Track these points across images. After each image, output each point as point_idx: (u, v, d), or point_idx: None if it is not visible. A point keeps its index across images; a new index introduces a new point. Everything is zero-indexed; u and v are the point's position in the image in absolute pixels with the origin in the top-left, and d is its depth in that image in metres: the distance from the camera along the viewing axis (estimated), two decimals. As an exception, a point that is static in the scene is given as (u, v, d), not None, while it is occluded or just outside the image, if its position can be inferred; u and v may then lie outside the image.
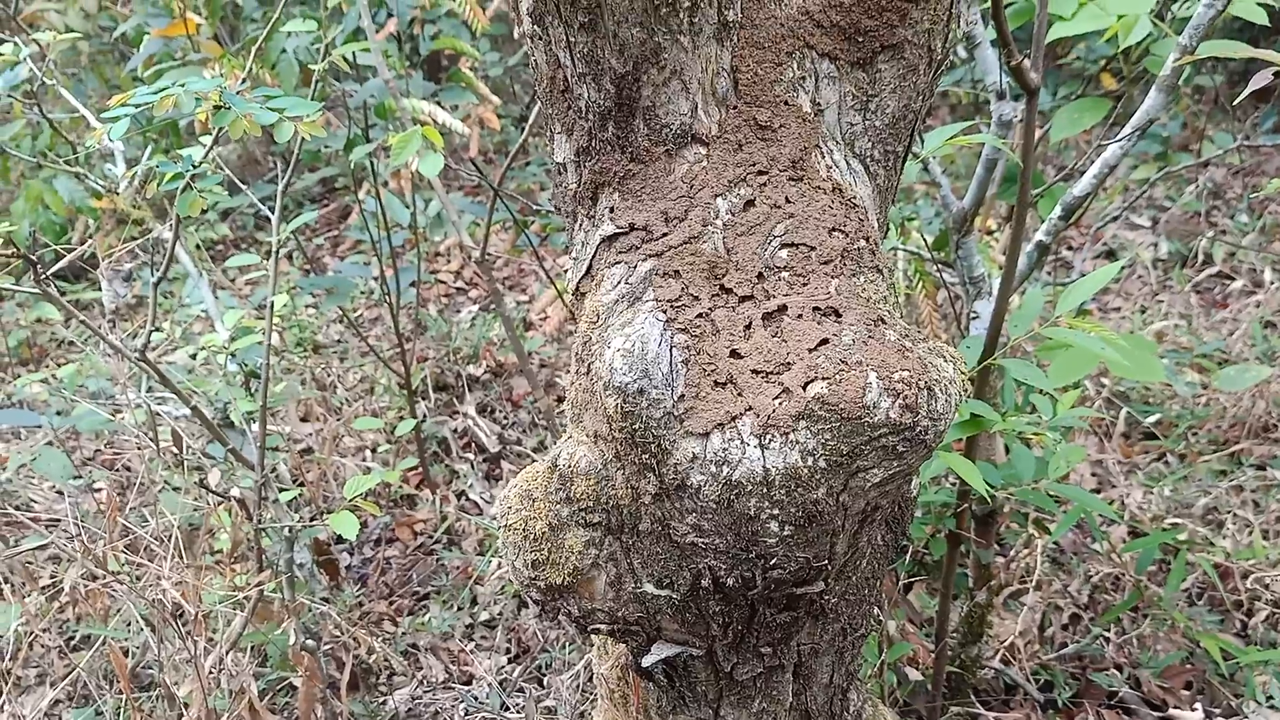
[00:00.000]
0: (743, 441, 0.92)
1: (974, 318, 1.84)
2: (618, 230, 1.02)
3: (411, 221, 3.05)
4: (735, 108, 1.03)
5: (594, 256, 1.04)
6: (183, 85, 1.18)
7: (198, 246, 3.44)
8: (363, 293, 4.06)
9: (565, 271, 3.58)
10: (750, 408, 0.92)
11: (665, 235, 1.01)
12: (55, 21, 3.50)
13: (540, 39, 0.98)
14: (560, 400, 3.50)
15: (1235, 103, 1.40)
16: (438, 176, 2.01)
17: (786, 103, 1.05)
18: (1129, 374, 1.65)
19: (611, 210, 1.03)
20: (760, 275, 1.00)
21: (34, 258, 1.41)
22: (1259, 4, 2.06)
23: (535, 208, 2.60)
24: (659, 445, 0.94)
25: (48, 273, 1.48)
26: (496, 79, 4.68)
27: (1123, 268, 4.33)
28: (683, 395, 0.93)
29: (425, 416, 3.27)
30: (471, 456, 3.19)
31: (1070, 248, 4.60)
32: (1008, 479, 1.91)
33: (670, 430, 0.93)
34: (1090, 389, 3.31)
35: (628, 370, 0.93)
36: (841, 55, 1.07)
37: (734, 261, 1.01)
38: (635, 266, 1.01)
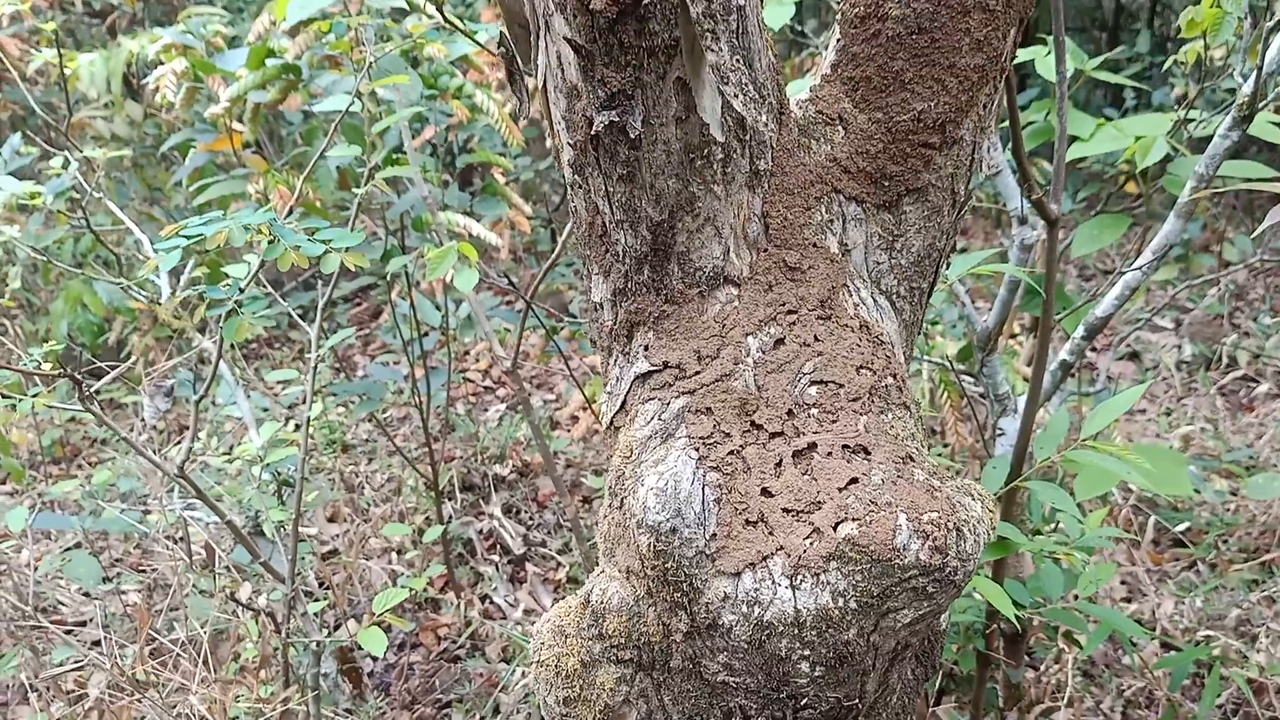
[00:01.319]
0: (774, 582, 0.93)
1: (1000, 434, 1.85)
2: (652, 368, 1.05)
3: (442, 323, 3.10)
4: (766, 250, 1.07)
5: (628, 392, 1.07)
6: (234, 218, 1.24)
7: (231, 346, 3.50)
8: (393, 392, 4.11)
9: (593, 376, 3.63)
10: (781, 547, 0.94)
11: (698, 373, 1.03)
12: (101, 129, 3.64)
13: (580, 188, 1.02)
14: (586, 501, 3.50)
15: (1254, 235, 1.42)
16: (469, 287, 2.06)
17: (815, 245, 1.08)
18: (1157, 488, 1.65)
19: (646, 348, 1.06)
20: (790, 412, 1.03)
21: (78, 376, 1.45)
22: (1275, 124, 2.11)
23: (566, 316, 2.65)
24: (691, 584, 0.95)
25: (90, 390, 1.52)
26: (527, 181, 4.79)
27: (1146, 373, 4.33)
28: (715, 534, 0.95)
29: (451, 518, 3.28)
30: (496, 558, 3.18)
31: (1094, 349, 4.61)
32: (1035, 593, 1.90)
33: (702, 569, 0.95)
34: (1118, 495, 3.29)
35: (661, 509, 0.95)
36: (868, 199, 1.11)
37: (765, 398, 1.03)
38: (668, 403, 1.03)
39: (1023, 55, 2.22)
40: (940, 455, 3.21)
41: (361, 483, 3.46)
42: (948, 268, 1.66)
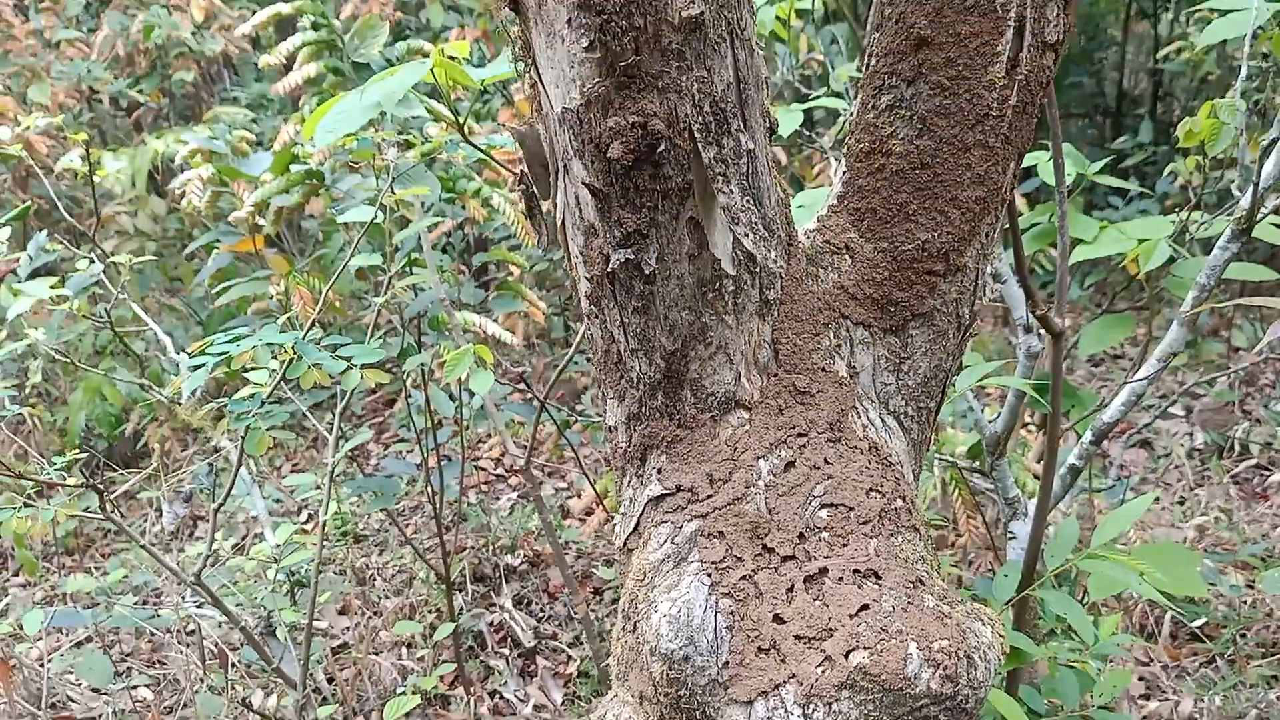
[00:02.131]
0: (787, 710, 0.94)
1: (1011, 538, 1.85)
2: (665, 491, 1.07)
3: (456, 413, 3.13)
4: (776, 375, 1.10)
5: (641, 515, 1.09)
6: (259, 336, 1.28)
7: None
8: (406, 482, 4.13)
9: (605, 470, 3.64)
10: (794, 675, 0.95)
11: (710, 497, 1.06)
12: (125, 224, 3.73)
13: (597, 318, 1.06)
14: (597, 593, 3.49)
15: (1256, 350, 1.45)
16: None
17: (824, 369, 1.11)
18: (1170, 590, 1.65)
19: (659, 471, 1.09)
20: (802, 535, 1.05)
21: (99, 487, 1.48)
22: (1276, 225, 2.15)
23: (578, 406, 2.68)
24: (704, 712, 0.96)
25: (109, 497, 1.54)
26: (541, 270, 4.87)
27: (1158, 460, 4.32)
28: (727, 662, 0.96)
29: (463, 610, 3.26)
30: (507, 651, 3.16)
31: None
32: (1050, 695, 1.88)
33: (715, 697, 0.96)
34: (1133, 587, 3.26)
35: (674, 637, 0.97)
36: (875, 323, 1.14)
37: (776, 521, 1.05)
38: (681, 527, 1.05)
39: (1025, 160, 2.28)
40: (951, 549, 3.20)
41: (373, 575, 3.46)
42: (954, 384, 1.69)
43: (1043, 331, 1.85)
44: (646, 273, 0.99)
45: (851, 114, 2.69)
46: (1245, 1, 2.16)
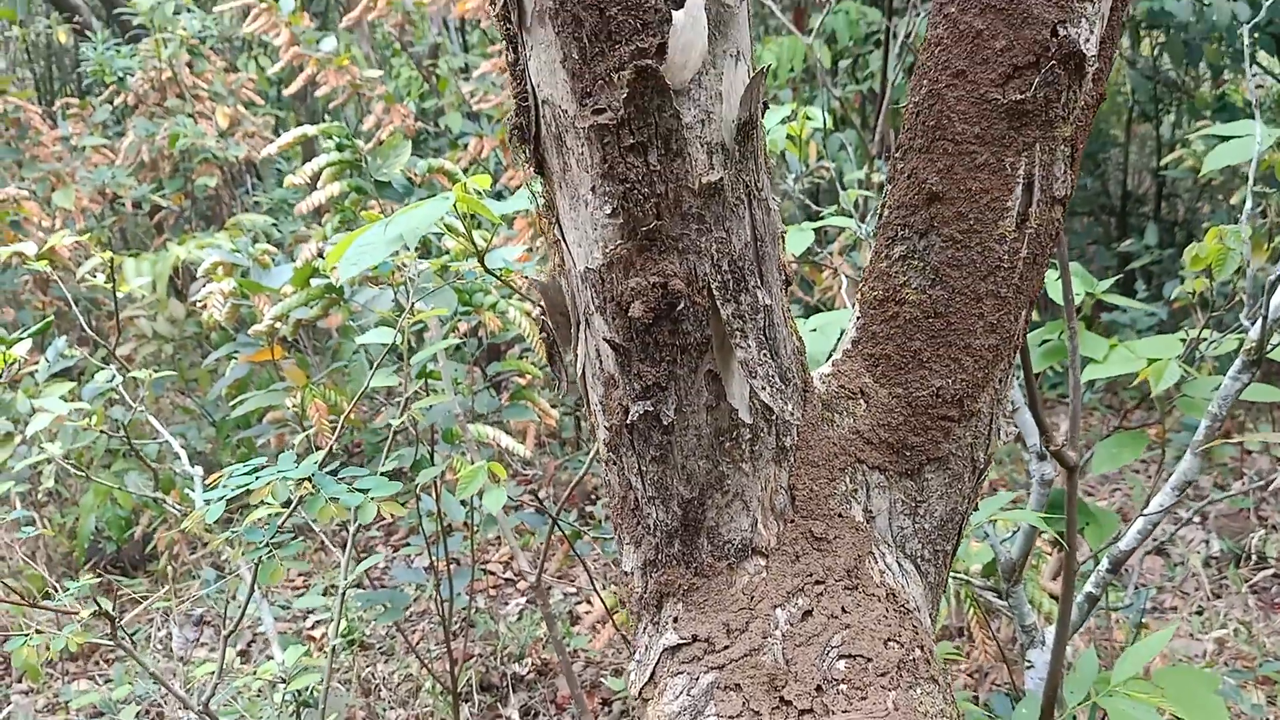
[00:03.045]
0: None
1: (1028, 666, 1.83)
2: (681, 641, 1.07)
3: (466, 518, 3.12)
4: (793, 521, 1.10)
5: (657, 664, 1.08)
6: (277, 467, 1.29)
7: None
8: (415, 587, 4.09)
9: (615, 585, 3.61)
10: (814, 839, 0.93)
11: (727, 648, 1.05)
12: (144, 327, 3.78)
13: (615, 464, 1.07)
14: (605, 703, 3.43)
15: (1270, 489, 1.45)
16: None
17: (840, 514, 1.12)
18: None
19: (675, 620, 1.08)
20: (819, 688, 1.03)
21: (112, 614, 1.48)
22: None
23: (588, 510, 2.67)
24: None
25: (119, 627, 1.54)
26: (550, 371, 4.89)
27: (1175, 568, 4.27)
28: (747, 824, 0.94)
29: (468, 722, 3.21)
30: (513, 767, 3.10)
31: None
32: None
33: None
34: (1154, 705, 3.19)
35: (692, 796, 0.95)
36: (890, 467, 1.15)
37: (793, 673, 1.04)
38: (697, 678, 1.04)
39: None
40: (966, 659, 3.14)
41: (378, 685, 3.41)
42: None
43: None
44: (665, 424, 1.00)
45: (858, 234, 2.72)
46: (1248, 128, 2.22)
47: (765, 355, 1.00)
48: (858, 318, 1.17)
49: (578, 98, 0.89)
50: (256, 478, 1.30)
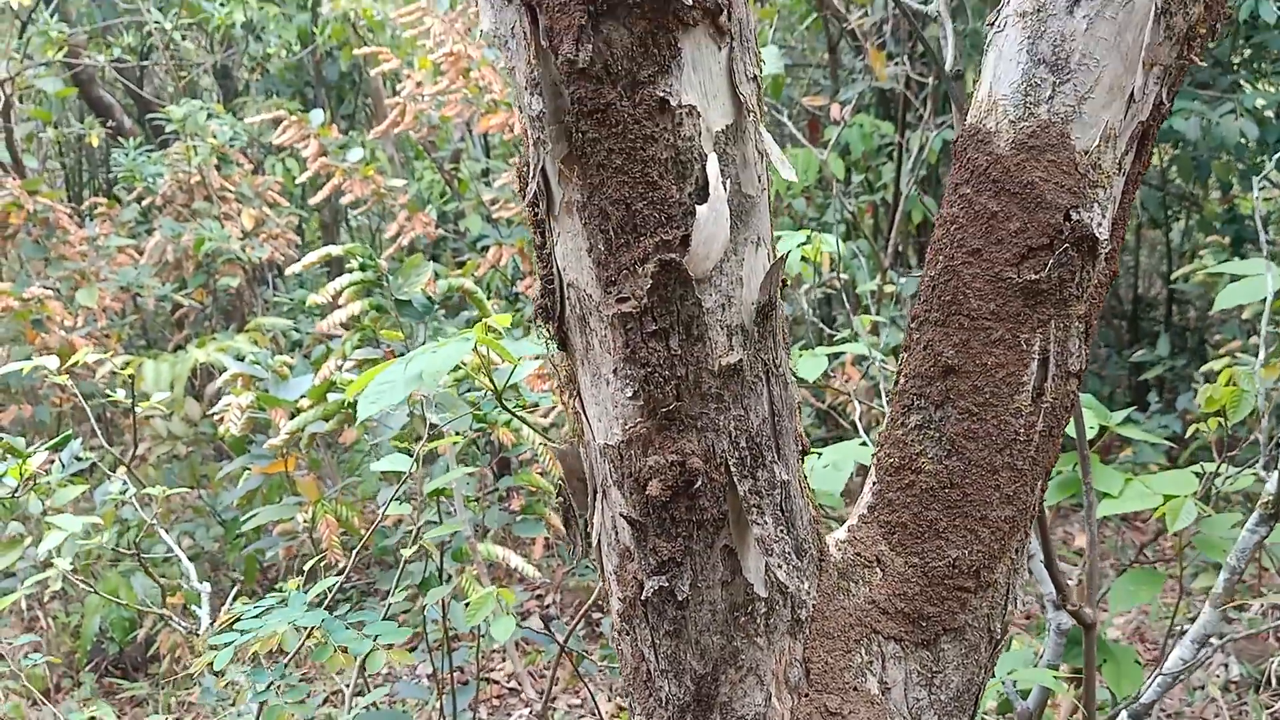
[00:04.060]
0: None
1: (1047, 819, 1.78)
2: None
3: (473, 629, 3.08)
4: (807, 695, 1.08)
5: (669, 841, 1.06)
6: (286, 612, 1.28)
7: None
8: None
9: (620, 701, 3.55)
10: None
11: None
12: (159, 427, 3.80)
13: (628, 635, 1.06)
14: (609, 827, 3.33)
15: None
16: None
17: (855, 688, 1.10)
18: None
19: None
20: None
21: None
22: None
23: (596, 637, 2.63)
24: None
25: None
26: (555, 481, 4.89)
27: (1193, 693, 4.17)
28: None
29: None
30: None
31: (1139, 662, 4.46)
32: None
33: None
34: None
35: None
36: (906, 637, 1.14)
37: None
38: None
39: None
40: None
41: (378, 800, 3.33)
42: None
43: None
44: (679, 599, 1.00)
45: (872, 360, 2.70)
46: (1258, 267, 2.24)
47: (781, 531, 1.01)
48: (874, 483, 1.18)
49: (602, 285, 0.91)
50: (264, 622, 1.30)
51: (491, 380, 1.62)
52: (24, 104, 5.38)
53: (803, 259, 2.93)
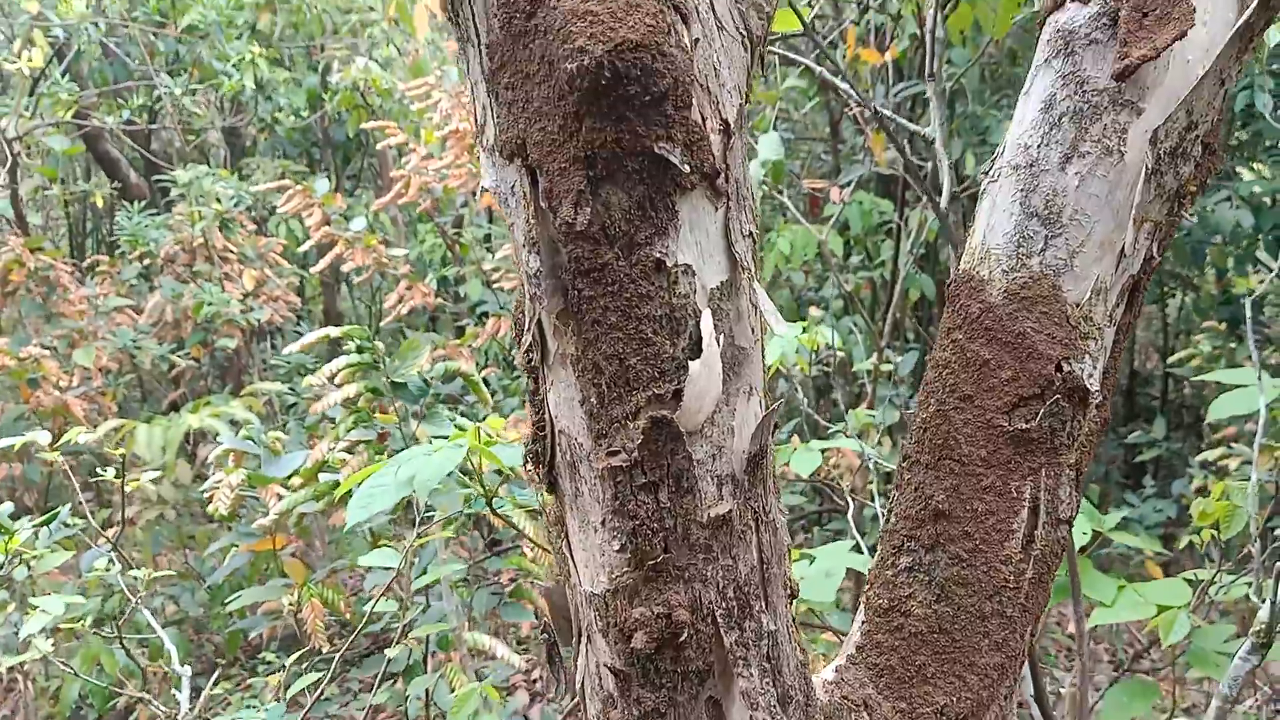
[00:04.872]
0: None
1: None
2: None
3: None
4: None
5: None
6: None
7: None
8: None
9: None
10: None
11: None
12: (149, 491, 3.78)
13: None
14: None
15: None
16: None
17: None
18: None
19: None
20: None
21: None
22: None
23: None
24: None
25: None
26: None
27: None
28: None
29: None
30: None
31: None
32: None
33: None
34: None
35: None
36: (892, 782, 1.12)
37: None
38: None
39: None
40: None
41: None
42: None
43: None
44: (663, 748, 0.98)
45: (865, 459, 2.70)
46: (1250, 377, 2.25)
47: (767, 683, 1.00)
48: (863, 622, 1.17)
49: (594, 436, 0.91)
50: (246, 737, 1.28)
51: (483, 485, 1.62)
52: (31, 157, 5.43)
53: (798, 350, 2.93)
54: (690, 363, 0.90)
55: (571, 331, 0.89)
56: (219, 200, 4.26)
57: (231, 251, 4.59)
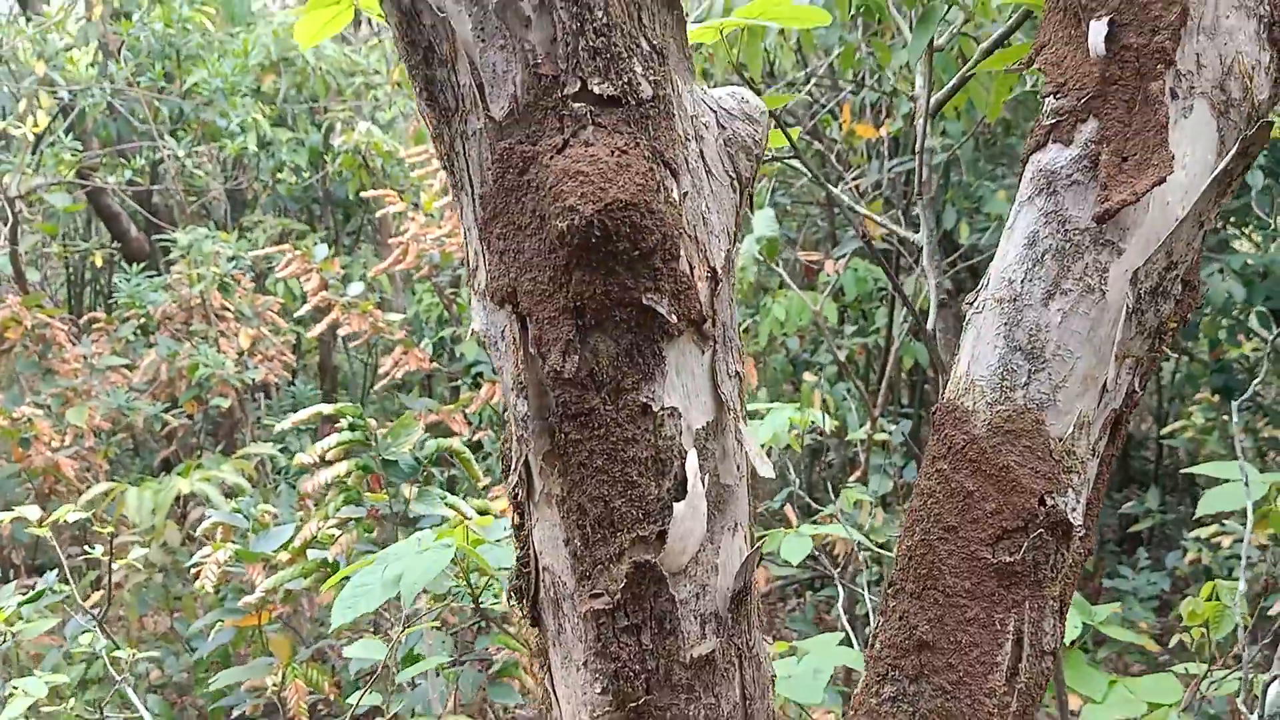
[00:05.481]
0: None
1: None
2: None
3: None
4: None
5: None
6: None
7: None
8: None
9: None
10: None
11: None
12: (137, 554, 3.75)
13: None
14: None
15: None
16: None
17: None
18: None
19: None
20: None
21: None
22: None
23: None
24: None
25: None
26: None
27: None
28: None
29: None
30: None
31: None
32: None
33: None
34: None
35: None
36: None
37: None
38: None
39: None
40: None
41: None
42: None
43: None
44: None
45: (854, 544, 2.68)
46: (1234, 470, 2.26)
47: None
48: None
49: (577, 576, 0.92)
50: None
51: (470, 584, 1.61)
52: (32, 209, 5.46)
53: (791, 427, 2.94)
54: (675, 504, 0.90)
55: (557, 473, 0.90)
56: (217, 265, 4.29)
57: (229, 310, 4.61)
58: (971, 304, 1.14)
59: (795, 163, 1.77)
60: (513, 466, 0.93)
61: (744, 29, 2.01)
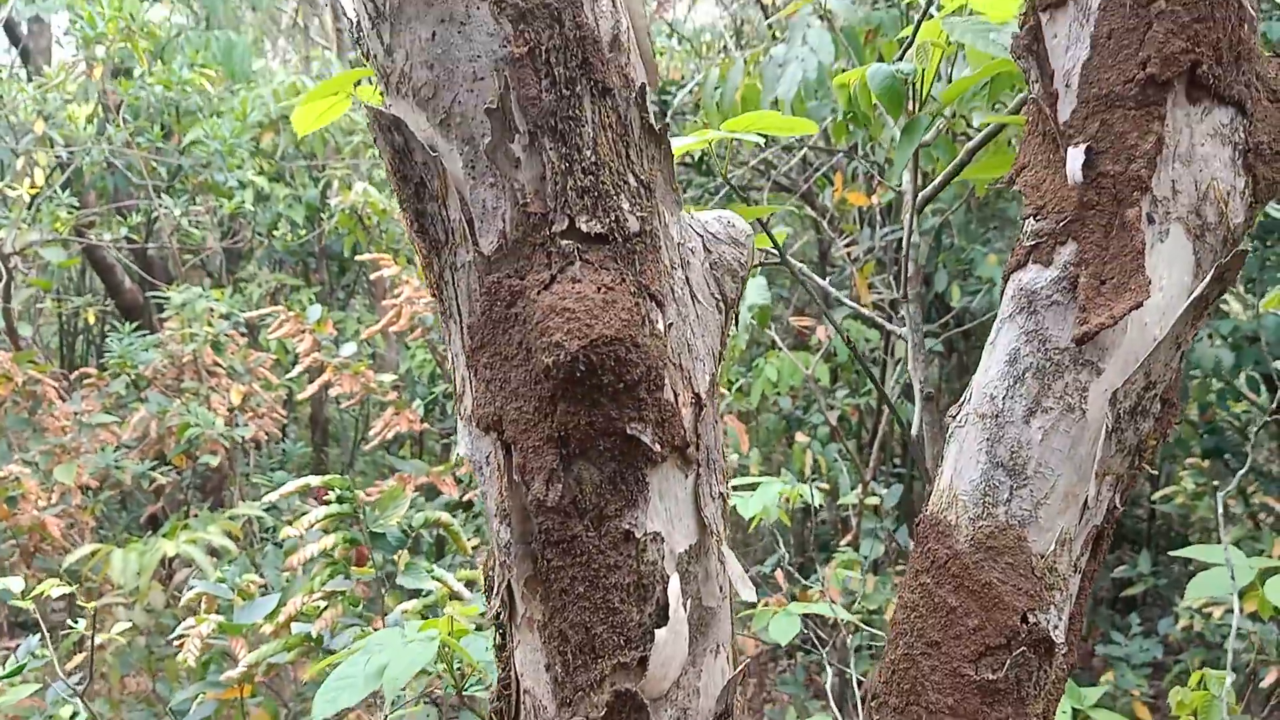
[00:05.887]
0: None
1: None
2: None
3: None
4: None
5: None
6: None
7: None
8: None
9: None
10: None
11: None
12: (120, 615, 3.73)
13: None
14: None
15: None
16: None
17: None
18: None
19: None
20: None
21: None
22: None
23: None
24: None
25: None
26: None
27: None
28: None
29: None
30: None
31: None
32: None
33: None
34: None
35: None
36: None
37: None
38: None
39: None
40: None
41: None
42: None
43: None
44: None
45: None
46: (1218, 554, 2.26)
47: None
48: None
49: (558, 702, 0.91)
50: None
51: (454, 674, 1.61)
52: (27, 263, 5.48)
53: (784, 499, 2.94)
54: (657, 630, 0.91)
55: (539, 598, 0.90)
56: (210, 323, 4.30)
57: (220, 367, 4.61)
58: (954, 417, 1.16)
59: (792, 222, 1.78)
60: (495, 589, 0.94)
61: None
